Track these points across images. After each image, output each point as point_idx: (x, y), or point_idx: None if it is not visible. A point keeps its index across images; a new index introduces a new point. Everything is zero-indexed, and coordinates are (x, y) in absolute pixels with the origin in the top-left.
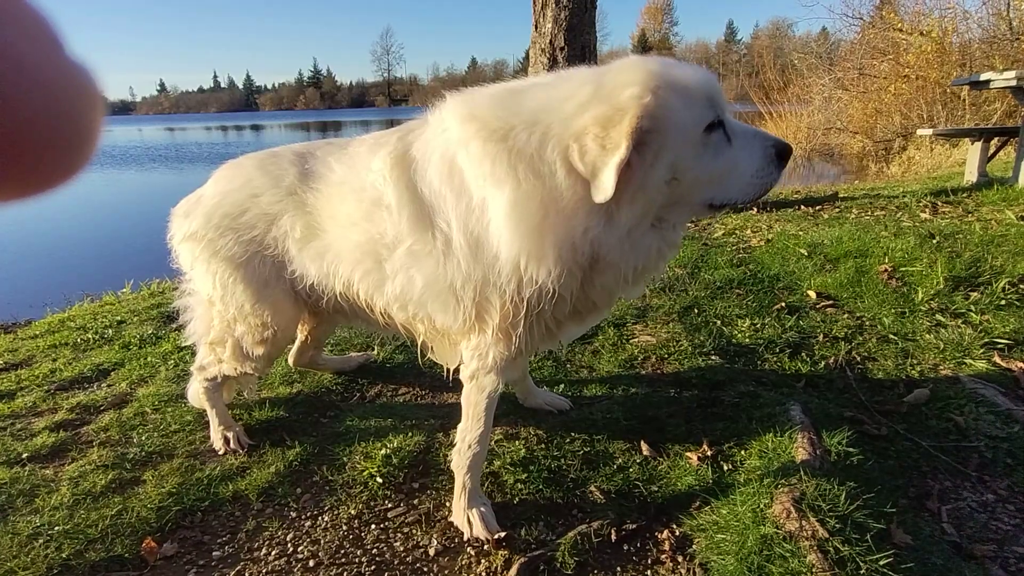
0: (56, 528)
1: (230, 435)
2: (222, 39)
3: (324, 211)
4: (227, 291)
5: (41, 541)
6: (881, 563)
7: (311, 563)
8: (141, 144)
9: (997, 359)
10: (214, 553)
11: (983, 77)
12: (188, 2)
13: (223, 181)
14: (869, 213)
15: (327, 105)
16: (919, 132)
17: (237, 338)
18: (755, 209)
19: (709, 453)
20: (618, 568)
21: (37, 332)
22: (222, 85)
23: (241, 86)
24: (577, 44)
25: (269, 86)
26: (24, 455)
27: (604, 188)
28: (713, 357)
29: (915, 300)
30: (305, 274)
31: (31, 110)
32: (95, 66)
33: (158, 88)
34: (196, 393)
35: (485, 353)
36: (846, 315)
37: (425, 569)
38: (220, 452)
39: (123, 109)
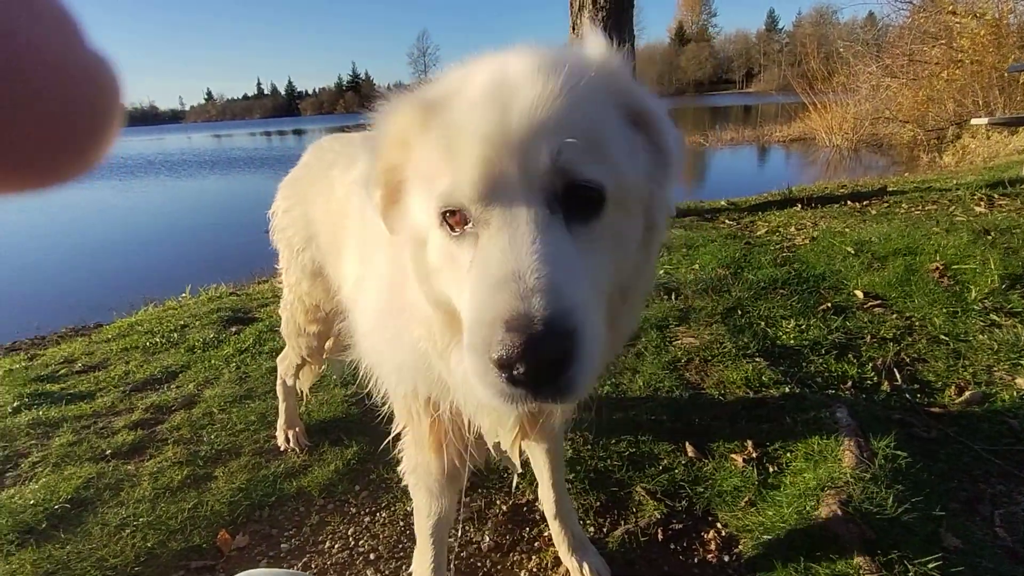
0: (140, 520)
1: (291, 434)
2: (265, 47)
3: (358, 249)
4: (289, 269)
5: (128, 531)
6: (929, 566)
7: (372, 556)
8: (190, 151)
9: None
10: (282, 545)
11: None
12: (232, 10)
13: (303, 167)
14: (920, 207)
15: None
16: (973, 121)
17: (292, 312)
18: (799, 205)
19: (754, 455)
20: (665, 567)
21: (109, 336)
22: (265, 92)
23: (283, 92)
24: None
25: (310, 91)
26: (107, 451)
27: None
28: (757, 359)
29: (968, 299)
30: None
31: (52, 100)
32: (117, 61)
33: (205, 96)
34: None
35: (411, 454)
36: (895, 315)
37: (479, 564)
38: (281, 449)
39: (174, 118)
